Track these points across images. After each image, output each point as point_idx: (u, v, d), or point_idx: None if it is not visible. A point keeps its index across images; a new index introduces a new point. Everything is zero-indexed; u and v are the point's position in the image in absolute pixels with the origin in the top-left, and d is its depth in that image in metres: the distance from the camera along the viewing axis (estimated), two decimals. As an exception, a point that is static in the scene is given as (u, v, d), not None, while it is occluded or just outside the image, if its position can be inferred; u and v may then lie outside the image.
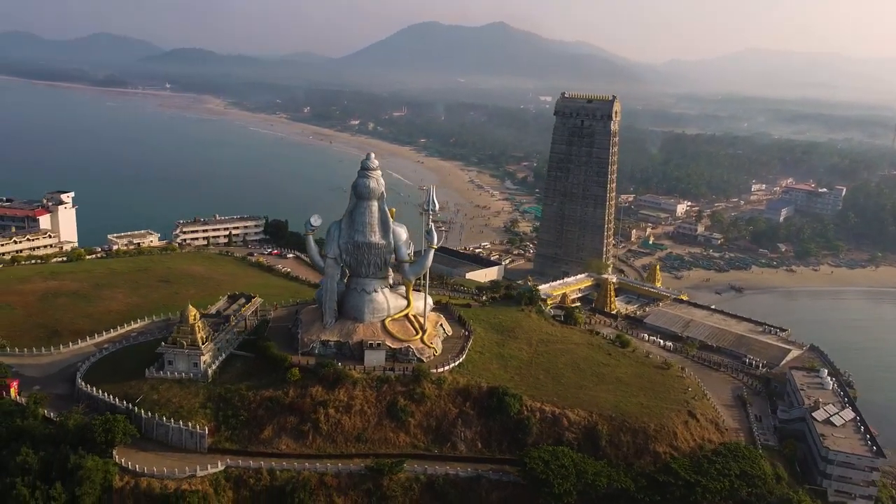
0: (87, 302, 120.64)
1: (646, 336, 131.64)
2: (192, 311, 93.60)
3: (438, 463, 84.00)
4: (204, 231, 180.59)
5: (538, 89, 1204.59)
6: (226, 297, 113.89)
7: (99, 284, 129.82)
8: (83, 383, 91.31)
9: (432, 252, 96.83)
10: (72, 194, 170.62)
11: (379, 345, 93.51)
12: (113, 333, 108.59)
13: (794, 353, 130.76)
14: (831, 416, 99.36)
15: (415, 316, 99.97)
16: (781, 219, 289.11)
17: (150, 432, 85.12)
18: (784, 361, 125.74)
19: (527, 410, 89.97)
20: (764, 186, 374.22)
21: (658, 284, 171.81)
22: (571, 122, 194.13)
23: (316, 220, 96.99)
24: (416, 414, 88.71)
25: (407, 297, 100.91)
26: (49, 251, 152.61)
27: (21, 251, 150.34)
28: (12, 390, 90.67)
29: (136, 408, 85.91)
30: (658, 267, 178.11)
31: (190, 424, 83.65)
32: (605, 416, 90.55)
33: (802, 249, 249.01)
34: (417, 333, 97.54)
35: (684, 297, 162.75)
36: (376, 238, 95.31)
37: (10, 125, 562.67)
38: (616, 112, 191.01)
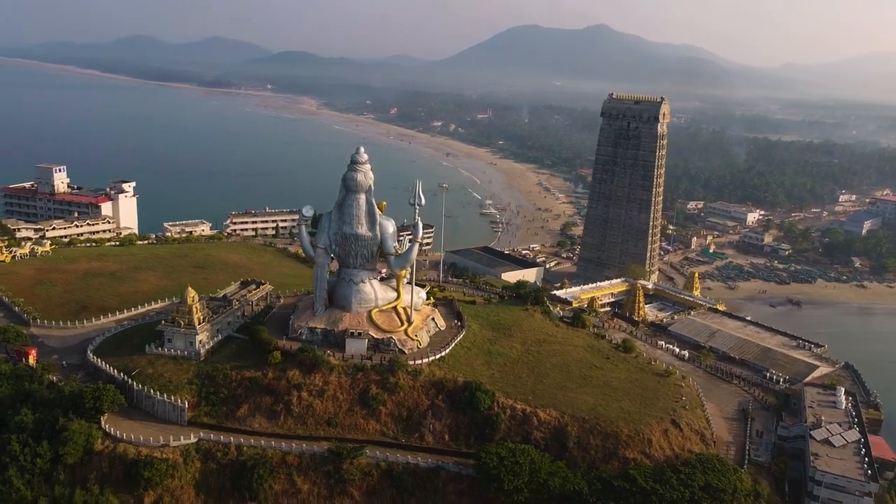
0: (120, 282, 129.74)
1: (662, 343, 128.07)
2: (191, 294, 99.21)
3: (402, 452, 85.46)
4: (253, 222, 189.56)
5: (635, 93, 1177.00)
6: (238, 282, 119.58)
7: (137, 267, 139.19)
8: (92, 355, 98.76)
9: (417, 246, 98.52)
10: (133, 184, 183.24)
11: (360, 334, 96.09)
12: (133, 312, 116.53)
13: (823, 369, 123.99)
14: (832, 435, 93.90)
15: (404, 308, 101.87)
16: (864, 231, 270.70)
17: (140, 403, 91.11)
18: (809, 378, 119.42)
19: (497, 407, 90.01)
20: (854, 197, 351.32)
21: (696, 293, 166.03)
22: (617, 124, 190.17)
23: (308, 211, 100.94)
24: (388, 403, 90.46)
25: (397, 290, 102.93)
26: (105, 236, 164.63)
27: (81, 234, 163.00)
28: (31, 357, 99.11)
29: (129, 379, 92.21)
30: (697, 275, 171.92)
31: (173, 398, 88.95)
32: (577, 417, 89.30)
33: (879, 265, 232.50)
34: (402, 325, 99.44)
35: (720, 307, 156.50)
36: (363, 230, 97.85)
37: (111, 121, 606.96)
38: (664, 114, 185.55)
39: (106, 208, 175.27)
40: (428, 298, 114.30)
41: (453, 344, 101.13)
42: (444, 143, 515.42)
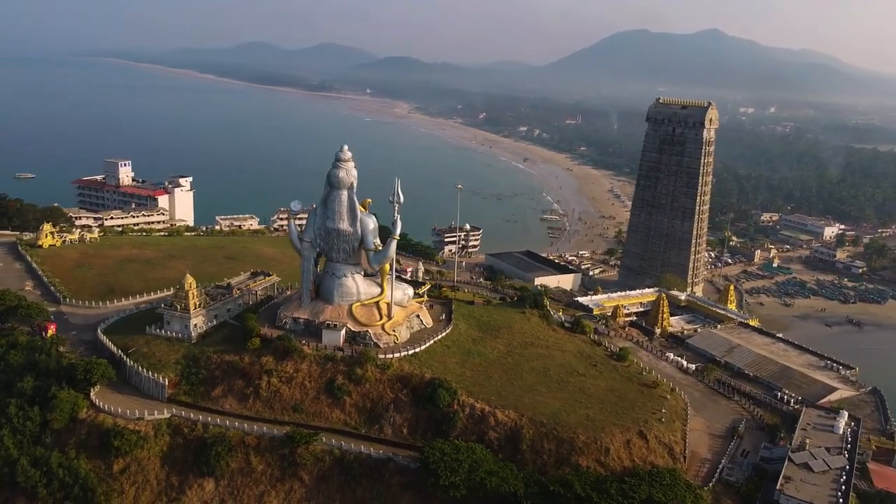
0: (151, 268, 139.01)
1: (670, 356, 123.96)
2: (189, 280, 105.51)
3: (357, 441, 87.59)
4: (298, 218, 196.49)
5: (743, 100, 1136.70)
6: (249, 272, 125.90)
7: (171, 255, 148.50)
8: (100, 332, 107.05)
9: (395, 243, 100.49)
10: (190, 179, 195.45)
11: (336, 325, 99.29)
12: (153, 296, 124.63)
13: (843, 392, 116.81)
14: (814, 460, 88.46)
15: (386, 304, 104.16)
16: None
17: (131, 379, 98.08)
18: (824, 400, 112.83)
19: (457, 405, 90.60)
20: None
21: (731, 306, 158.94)
22: (663, 129, 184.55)
23: (296, 206, 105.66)
24: (353, 394, 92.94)
25: (381, 285, 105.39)
26: (157, 226, 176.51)
27: (137, 224, 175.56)
28: (50, 331, 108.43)
29: (125, 356, 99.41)
30: (732, 287, 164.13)
31: (156, 375, 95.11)
32: (535, 421, 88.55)
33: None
34: (381, 320, 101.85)
35: (753, 323, 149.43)
36: (344, 225, 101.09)
37: (205, 121, 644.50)
38: (710, 119, 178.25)
39: (163, 201, 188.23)
40: (422, 296, 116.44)
41: (431, 341, 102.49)
42: (524, 148, 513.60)
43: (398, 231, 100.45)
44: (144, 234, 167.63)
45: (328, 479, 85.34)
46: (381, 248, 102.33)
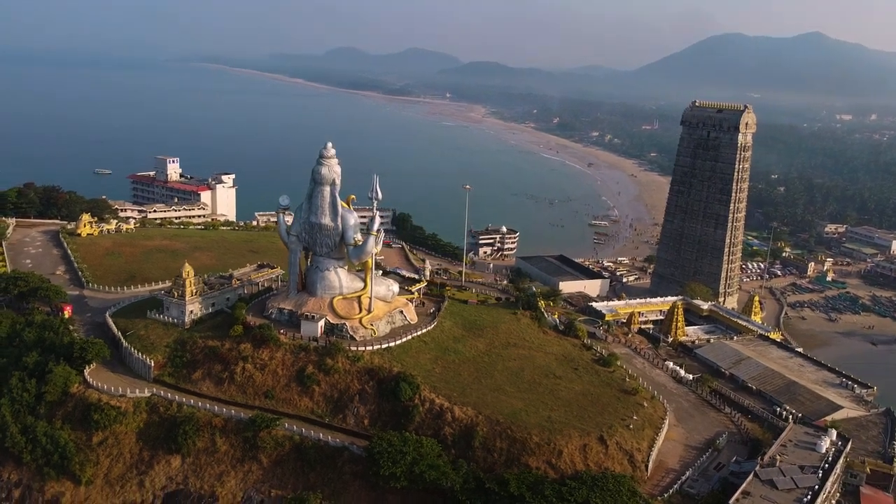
0: (175, 259, 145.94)
1: (670, 364, 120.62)
2: (187, 269, 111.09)
3: (317, 429, 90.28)
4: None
5: (843, 107, 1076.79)
6: (256, 264, 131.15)
7: (198, 247, 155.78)
8: (108, 316, 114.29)
9: (372, 238, 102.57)
10: (233, 176, 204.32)
11: (314, 317, 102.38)
12: (167, 284, 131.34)
13: (850, 411, 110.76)
14: (782, 477, 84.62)
15: (368, 298, 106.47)
16: None
17: (125, 359, 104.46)
18: (827, 418, 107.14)
19: (418, 399, 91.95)
20: None
21: (757, 318, 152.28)
22: (697, 134, 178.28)
23: (284, 200, 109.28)
24: (322, 383, 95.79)
25: (365, 280, 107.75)
26: (196, 220, 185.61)
27: (178, 218, 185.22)
28: (66, 312, 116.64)
29: (122, 338, 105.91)
30: (757, 298, 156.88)
31: (145, 356, 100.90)
32: (491, 419, 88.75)
33: None
34: (360, 313, 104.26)
35: (774, 336, 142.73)
36: (327, 220, 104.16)
37: (287, 123, 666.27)
38: (746, 123, 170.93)
39: (205, 197, 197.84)
40: (413, 293, 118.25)
41: (409, 337, 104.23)
42: (592, 153, 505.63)
43: (376, 227, 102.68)
44: (182, 227, 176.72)
45: (284, 463, 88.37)
46: (360, 243, 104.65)
